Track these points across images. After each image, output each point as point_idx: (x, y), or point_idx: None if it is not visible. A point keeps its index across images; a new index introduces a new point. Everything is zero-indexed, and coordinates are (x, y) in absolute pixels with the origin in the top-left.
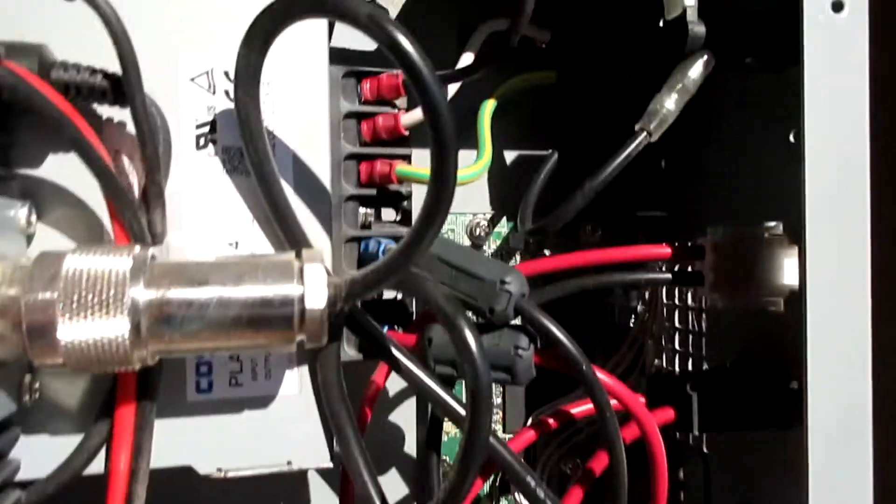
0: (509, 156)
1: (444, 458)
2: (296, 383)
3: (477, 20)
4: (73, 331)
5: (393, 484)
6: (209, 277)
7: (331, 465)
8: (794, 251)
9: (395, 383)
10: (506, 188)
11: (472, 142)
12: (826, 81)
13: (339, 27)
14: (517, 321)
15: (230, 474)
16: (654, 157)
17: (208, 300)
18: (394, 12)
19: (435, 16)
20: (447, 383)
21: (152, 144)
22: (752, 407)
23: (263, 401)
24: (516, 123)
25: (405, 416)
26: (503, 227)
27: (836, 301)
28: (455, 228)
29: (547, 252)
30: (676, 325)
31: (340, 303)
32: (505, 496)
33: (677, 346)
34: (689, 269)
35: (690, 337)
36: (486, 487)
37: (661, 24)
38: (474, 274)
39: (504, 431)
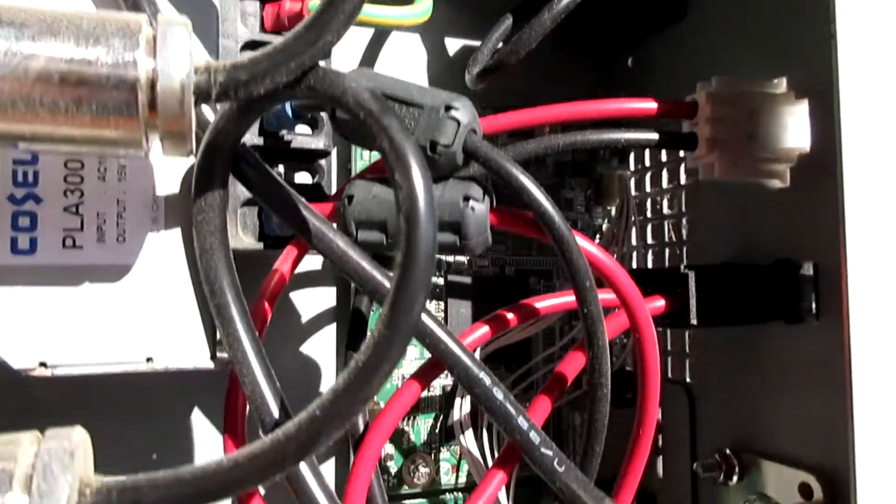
0: (452, 45)
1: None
2: (162, 250)
3: None
4: None
5: None
6: None
7: (211, 366)
8: (803, 107)
9: (309, 302)
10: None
11: None
12: None
13: None
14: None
15: (58, 371)
16: (618, 48)
17: None
18: None
19: None
20: (375, 256)
21: None
22: (755, 299)
23: (113, 272)
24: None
25: (323, 345)
26: None
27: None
28: None
29: None
30: (650, 242)
31: (216, 91)
32: (446, 445)
33: (651, 265)
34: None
35: (667, 251)
36: (424, 435)
37: None
38: (410, 101)
39: None
